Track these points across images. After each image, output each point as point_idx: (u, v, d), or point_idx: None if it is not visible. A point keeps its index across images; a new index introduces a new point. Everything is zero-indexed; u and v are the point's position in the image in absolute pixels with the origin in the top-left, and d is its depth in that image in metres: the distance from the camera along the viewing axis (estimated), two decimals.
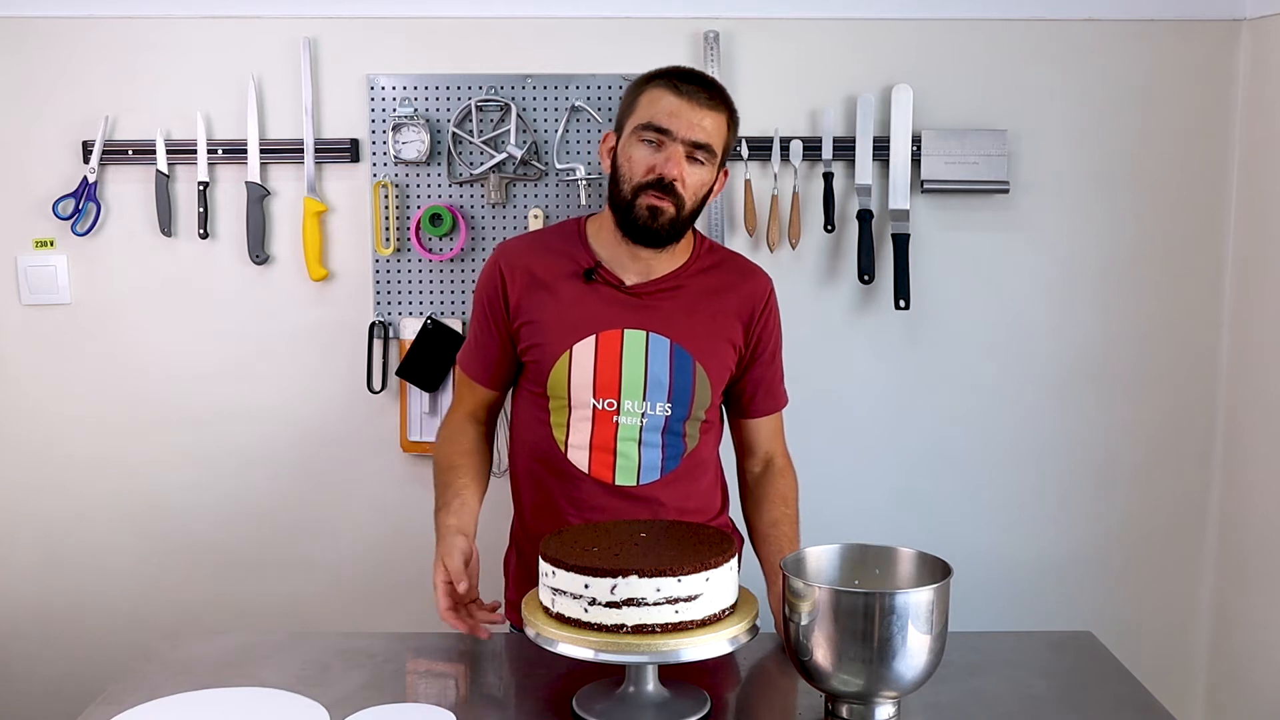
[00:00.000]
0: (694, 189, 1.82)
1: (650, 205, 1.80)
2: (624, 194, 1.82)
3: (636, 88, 1.86)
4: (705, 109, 1.80)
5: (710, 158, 1.82)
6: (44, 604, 2.52)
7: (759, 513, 1.97)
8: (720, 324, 1.91)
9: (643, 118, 1.81)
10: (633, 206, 1.81)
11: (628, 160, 1.82)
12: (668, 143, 1.79)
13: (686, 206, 1.82)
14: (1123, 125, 2.41)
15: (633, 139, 1.82)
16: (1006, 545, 2.51)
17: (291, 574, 2.51)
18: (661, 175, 1.79)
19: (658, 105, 1.80)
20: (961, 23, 2.38)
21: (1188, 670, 2.56)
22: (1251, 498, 2.40)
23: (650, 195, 1.80)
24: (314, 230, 2.39)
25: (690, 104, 1.79)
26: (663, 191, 1.79)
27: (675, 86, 1.81)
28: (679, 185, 1.80)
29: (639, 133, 1.81)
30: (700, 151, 1.81)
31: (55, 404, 2.46)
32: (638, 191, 1.80)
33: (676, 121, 1.79)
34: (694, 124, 1.79)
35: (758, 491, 1.99)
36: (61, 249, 2.42)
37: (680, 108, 1.79)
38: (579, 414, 1.88)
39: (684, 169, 1.80)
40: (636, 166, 1.81)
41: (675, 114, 1.79)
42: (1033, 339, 2.47)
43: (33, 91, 2.38)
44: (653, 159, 1.80)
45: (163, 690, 1.58)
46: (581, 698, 1.56)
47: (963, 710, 1.59)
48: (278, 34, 2.37)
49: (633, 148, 1.82)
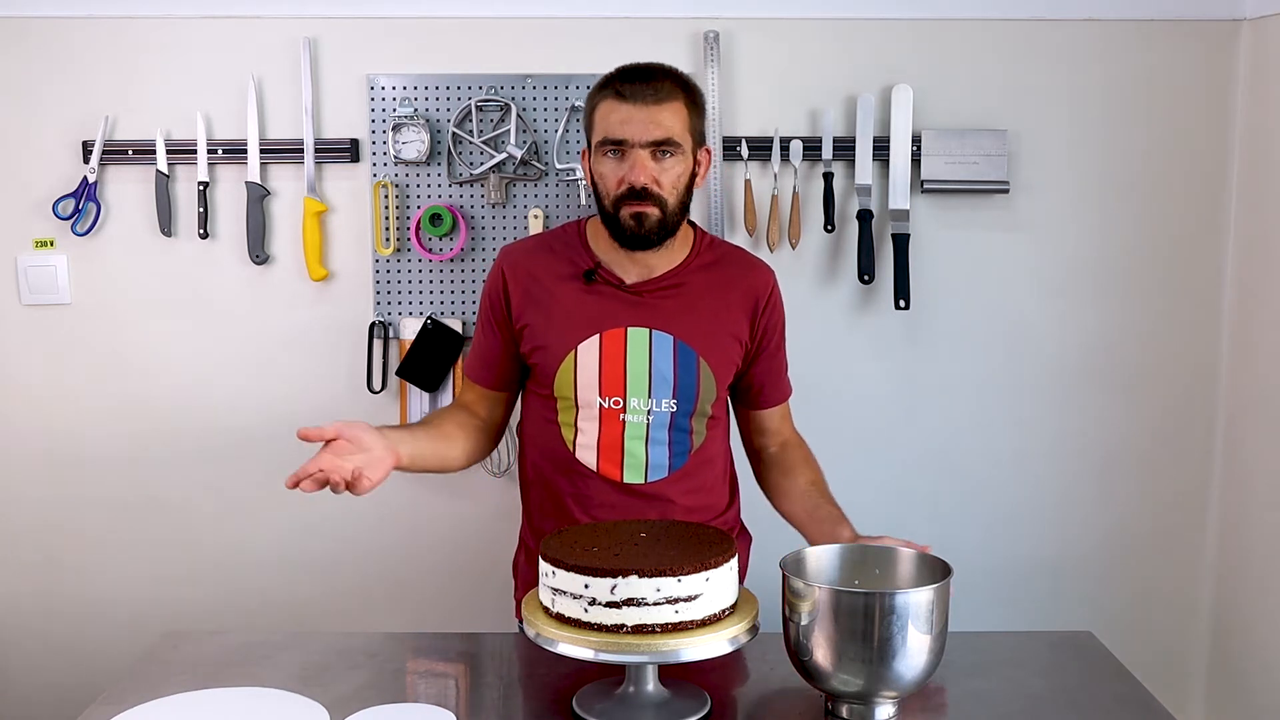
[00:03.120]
0: (671, 184, 1.82)
1: (633, 213, 1.81)
2: (606, 208, 1.84)
3: (590, 102, 1.86)
4: (655, 105, 1.79)
5: (677, 149, 1.82)
6: (44, 604, 2.52)
7: (791, 479, 1.98)
8: (724, 319, 1.91)
9: (599, 134, 1.82)
10: (617, 219, 1.83)
11: (600, 177, 1.84)
12: (628, 151, 1.80)
13: (669, 204, 1.83)
14: (1123, 125, 2.41)
15: (598, 155, 1.84)
16: (1006, 545, 2.51)
17: (291, 574, 2.51)
18: (631, 184, 1.80)
19: (610, 119, 1.81)
20: (961, 23, 2.38)
21: (1188, 670, 2.56)
22: (1251, 498, 2.40)
23: (630, 205, 1.81)
24: (314, 230, 2.39)
25: (639, 106, 1.79)
26: (639, 199, 1.80)
27: (620, 93, 1.80)
28: (652, 188, 1.80)
29: (601, 149, 1.83)
30: (665, 147, 1.80)
31: (55, 404, 2.46)
32: (617, 204, 1.82)
33: (630, 128, 1.79)
34: (648, 124, 1.79)
35: (784, 461, 2.01)
36: (61, 249, 2.42)
37: (630, 114, 1.79)
38: (586, 413, 1.88)
39: (652, 171, 1.80)
40: (608, 181, 1.83)
41: (627, 121, 1.79)
42: (1032, 339, 2.47)
43: (33, 91, 2.38)
44: (620, 171, 1.81)
45: (163, 690, 1.58)
46: (581, 698, 1.56)
47: (963, 710, 1.59)
48: (278, 34, 2.37)
49: (600, 164, 1.84)
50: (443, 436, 1.90)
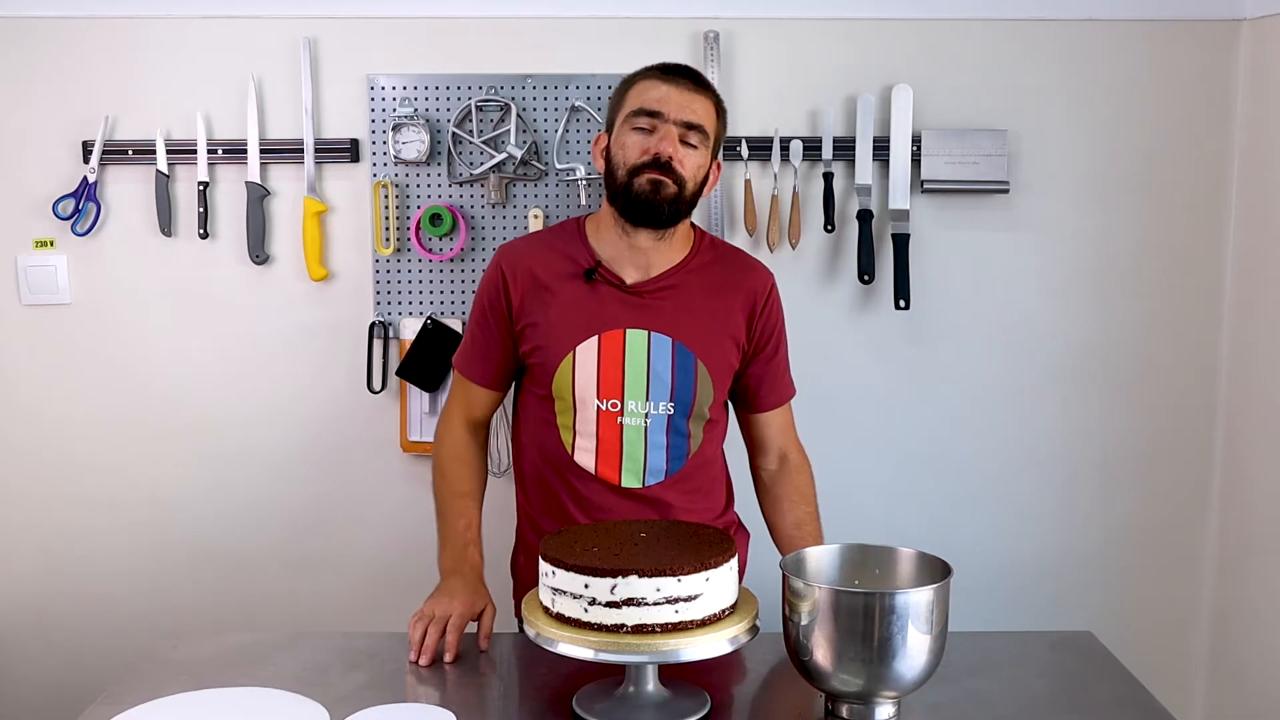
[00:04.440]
0: (692, 171, 1.84)
1: (651, 179, 1.81)
2: (620, 179, 1.83)
3: (624, 85, 1.89)
4: (694, 93, 1.84)
5: (704, 141, 1.84)
6: (44, 604, 2.52)
7: (780, 513, 1.98)
8: (721, 320, 1.91)
9: (634, 105, 1.84)
10: (631, 185, 1.82)
11: (621, 148, 1.84)
12: (660, 124, 1.82)
13: (687, 187, 1.83)
14: (1123, 125, 2.41)
15: (625, 128, 1.84)
16: (1006, 545, 2.51)
17: (292, 574, 2.51)
18: (657, 154, 1.81)
19: (647, 94, 1.83)
20: (961, 23, 2.38)
21: (1188, 670, 2.55)
22: (1251, 498, 2.40)
23: (650, 172, 1.81)
24: (314, 230, 2.39)
25: (679, 89, 1.83)
26: (661, 169, 1.81)
27: (662, 75, 1.85)
28: (677, 164, 1.81)
29: (631, 120, 1.83)
30: (693, 134, 1.83)
31: (55, 403, 2.46)
32: (635, 172, 1.82)
33: (667, 104, 1.82)
34: (684, 106, 1.82)
35: (776, 490, 2.00)
36: (61, 249, 2.42)
37: (669, 93, 1.83)
38: (584, 415, 1.88)
39: (679, 149, 1.81)
40: (631, 151, 1.83)
41: (665, 98, 1.82)
42: (1032, 339, 2.47)
43: (33, 91, 2.38)
44: (647, 141, 1.82)
45: (163, 690, 1.58)
46: (581, 698, 1.56)
47: (963, 710, 1.59)
48: (278, 34, 2.37)
49: (626, 135, 1.84)
50: (481, 499, 1.95)
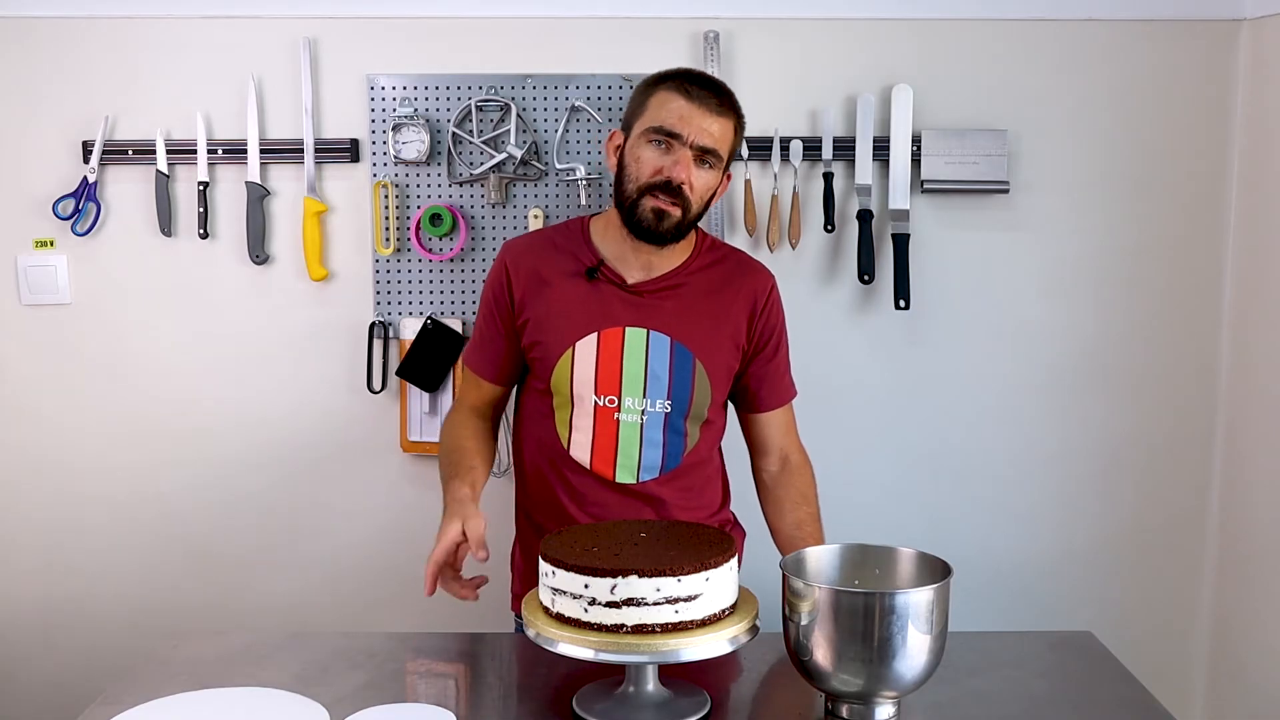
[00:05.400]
0: (700, 192, 1.84)
1: (655, 209, 1.82)
2: (629, 193, 1.84)
3: (646, 88, 1.86)
4: (714, 115, 1.82)
5: (717, 162, 1.85)
6: (44, 604, 2.52)
7: (781, 514, 1.98)
8: (722, 321, 1.92)
9: (652, 120, 1.82)
10: (637, 206, 1.83)
11: (635, 161, 1.83)
12: (676, 146, 1.81)
13: (692, 210, 1.84)
14: (1123, 125, 2.41)
15: (641, 140, 1.83)
16: (1006, 545, 2.51)
17: (291, 574, 2.51)
18: (669, 178, 1.80)
19: (667, 108, 1.81)
20: (961, 23, 2.38)
21: (1188, 670, 2.55)
22: (1251, 498, 2.40)
23: (657, 198, 1.81)
24: (314, 230, 2.39)
25: (700, 109, 1.81)
26: (669, 194, 1.81)
27: (686, 90, 1.82)
28: (686, 189, 1.81)
29: (648, 134, 1.82)
30: (708, 156, 1.83)
31: (55, 403, 2.46)
32: (644, 191, 1.82)
33: (686, 126, 1.80)
34: (703, 129, 1.81)
35: (777, 492, 2.00)
36: (61, 249, 2.42)
37: (690, 112, 1.80)
38: (581, 410, 1.89)
39: (692, 173, 1.81)
40: (644, 167, 1.82)
41: (685, 119, 1.80)
42: (1032, 339, 2.47)
43: (33, 91, 2.38)
44: (661, 161, 1.81)
45: (163, 690, 1.58)
46: (581, 698, 1.56)
47: (963, 710, 1.59)
48: (278, 34, 2.37)
49: (641, 148, 1.83)
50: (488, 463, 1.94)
